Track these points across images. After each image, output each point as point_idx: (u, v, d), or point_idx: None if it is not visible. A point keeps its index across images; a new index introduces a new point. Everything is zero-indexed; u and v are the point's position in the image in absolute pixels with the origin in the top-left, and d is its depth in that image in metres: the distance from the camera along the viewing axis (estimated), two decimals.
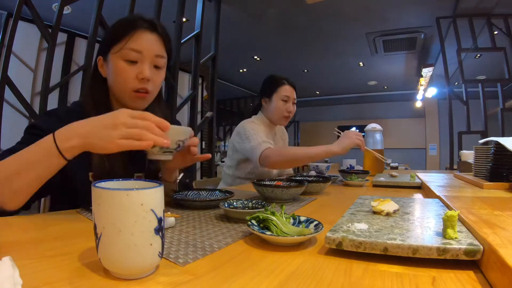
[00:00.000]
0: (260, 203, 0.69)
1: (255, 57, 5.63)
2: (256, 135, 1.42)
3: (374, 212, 0.59)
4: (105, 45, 0.77)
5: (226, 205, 0.68)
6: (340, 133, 1.39)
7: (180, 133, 0.63)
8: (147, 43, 0.74)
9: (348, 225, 0.49)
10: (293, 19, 3.99)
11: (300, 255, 0.44)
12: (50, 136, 0.54)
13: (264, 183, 0.93)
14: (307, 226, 0.52)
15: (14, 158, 0.56)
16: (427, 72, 5.27)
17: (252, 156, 1.40)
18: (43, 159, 0.55)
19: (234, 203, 0.70)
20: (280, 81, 1.60)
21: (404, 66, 5.89)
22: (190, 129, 0.67)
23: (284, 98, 1.57)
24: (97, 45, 2.50)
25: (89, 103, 0.78)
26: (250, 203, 0.70)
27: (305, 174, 1.58)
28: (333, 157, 1.39)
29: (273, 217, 0.51)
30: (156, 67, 0.78)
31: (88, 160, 0.71)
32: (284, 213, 0.54)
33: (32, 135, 0.67)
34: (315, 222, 0.53)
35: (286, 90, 1.58)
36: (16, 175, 0.56)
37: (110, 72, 0.77)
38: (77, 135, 0.54)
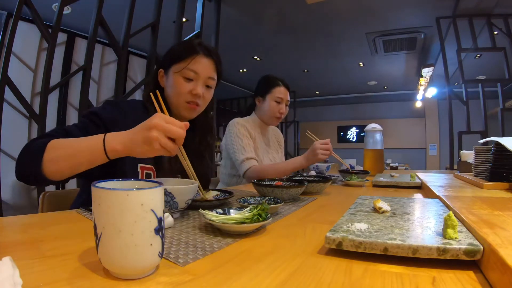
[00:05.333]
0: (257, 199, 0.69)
1: (255, 57, 5.62)
2: (241, 147, 1.48)
3: (374, 211, 0.59)
4: (168, 61, 0.94)
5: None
6: (313, 137, 1.45)
7: (188, 193, 0.64)
8: (203, 67, 0.92)
9: (348, 225, 0.49)
10: (293, 19, 3.99)
11: (300, 255, 0.44)
12: (101, 136, 0.64)
13: (264, 183, 0.92)
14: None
15: (75, 142, 0.67)
16: (427, 72, 5.26)
17: (238, 169, 1.49)
18: (92, 152, 0.64)
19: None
20: (275, 82, 1.62)
21: (404, 66, 5.88)
22: (197, 184, 0.68)
23: (278, 100, 1.60)
24: (97, 45, 2.50)
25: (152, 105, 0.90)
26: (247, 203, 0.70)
27: (305, 174, 1.58)
28: (332, 157, 1.41)
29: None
30: (207, 86, 0.96)
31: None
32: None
33: (90, 121, 0.79)
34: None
35: (280, 92, 1.60)
36: (72, 157, 0.66)
37: (169, 85, 0.93)
38: (120, 143, 0.63)
